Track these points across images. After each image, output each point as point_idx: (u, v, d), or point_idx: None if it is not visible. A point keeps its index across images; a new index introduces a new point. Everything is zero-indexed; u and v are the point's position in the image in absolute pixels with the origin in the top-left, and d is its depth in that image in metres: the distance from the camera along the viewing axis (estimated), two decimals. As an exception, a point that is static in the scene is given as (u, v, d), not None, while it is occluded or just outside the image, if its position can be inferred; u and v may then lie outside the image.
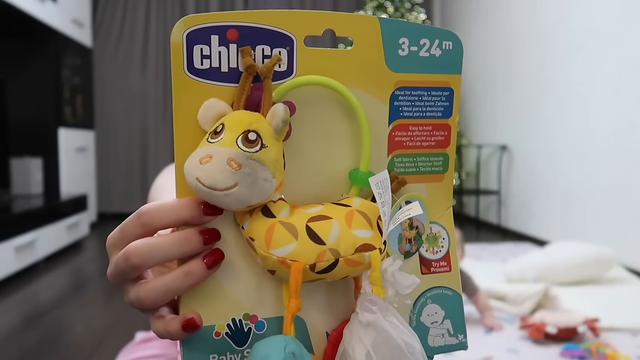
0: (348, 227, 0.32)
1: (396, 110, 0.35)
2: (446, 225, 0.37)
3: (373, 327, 0.30)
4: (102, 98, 4.71)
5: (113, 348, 1.66)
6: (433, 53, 0.35)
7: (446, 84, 0.36)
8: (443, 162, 0.37)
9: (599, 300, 2.08)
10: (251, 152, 0.29)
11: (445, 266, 0.37)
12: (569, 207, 3.12)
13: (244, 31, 0.31)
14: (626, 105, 2.64)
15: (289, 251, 0.30)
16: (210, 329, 0.31)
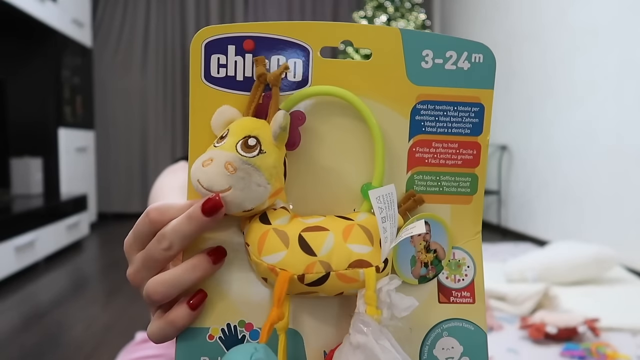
0: (344, 240, 0.31)
1: (418, 124, 0.34)
2: (472, 253, 0.34)
3: (362, 350, 0.28)
4: (102, 98, 4.71)
5: (113, 348, 1.66)
6: (461, 66, 0.33)
7: (476, 99, 0.34)
8: (471, 183, 0.34)
9: (599, 300, 2.08)
10: (248, 156, 0.29)
11: (469, 297, 0.34)
12: (569, 207, 3.12)
13: (260, 42, 0.32)
14: (626, 105, 2.64)
15: (279, 259, 0.30)
16: (204, 331, 0.31)
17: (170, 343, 0.95)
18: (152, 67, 4.78)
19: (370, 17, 4.44)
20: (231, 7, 4.90)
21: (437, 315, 0.34)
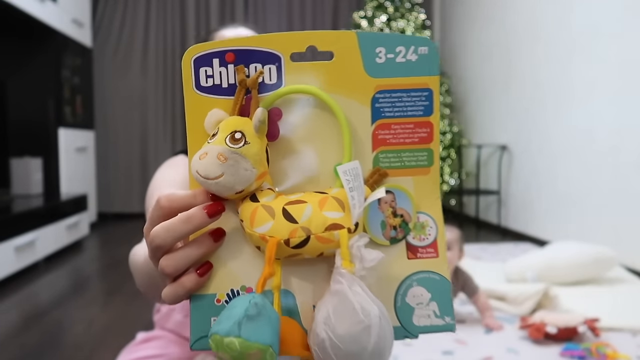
0: (320, 209, 0.37)
1: (378, 111, 0.39)
2: (434, 215, 0.40)
3: (338, 295, 0.34)
4: (102, 98, 4.71)
5: (113, 348, 1.66)
6: (409, 58, 0.39)
7: (425, 85, 0.39)
8: (428, 156, 0.40)
9: (599, 300, 2.08)
10: (235, 147, 0.35)
11: (433, 253, 0.40)
12: (569, 207, 3.12)
13: (239, 54, 0.38)
14: (626, 105, 2.64)
15: (267, 229, 0.36)
16: (212, 297, 0.38)
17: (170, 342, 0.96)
18: (152, 67, 4.78)
19: (370, 17, 4.44)
20: (231, 7, 4.90)
21: (407, 269, 0.40)
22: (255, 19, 4.96)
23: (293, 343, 0.37)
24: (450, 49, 4.98)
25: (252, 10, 4.95)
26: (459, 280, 1.92)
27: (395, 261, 0.39)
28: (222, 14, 4.89)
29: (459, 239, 1.88)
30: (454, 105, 4.71)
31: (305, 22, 5.00)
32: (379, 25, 4.37)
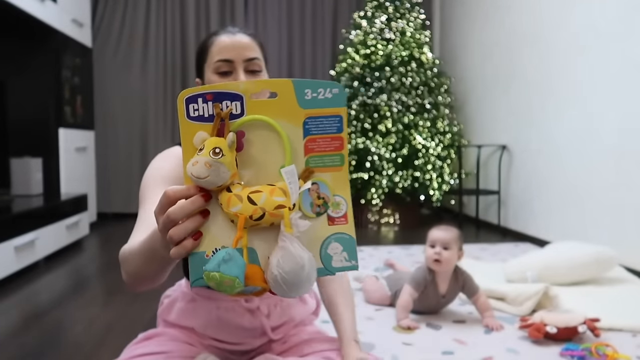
0: (271, 196, 0.56)
1: (307, 130, 0.58)
2: (345, 197, 0.60)
3: (283, 249, 0.55)
4: (102, 98, 4.71)
5: (113, 348, 1.66)
6: (326, 96, 0.58)
7: (337, 113, 0.58)
8: (340, 159, 0.59)
9: (599, 300, 2.08)
10: (216, 158, 0.54)
11: (344, 221, 0.59)
12: (569, 207, 3.12)
13: (215, 95, 0.56)
14: (627, 105, 2.64)
15: (238, 209, 0.55)
16: (203, 253, 0.57)
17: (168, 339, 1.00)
18: (152, 67, 4.78)
19: (370, 17, 4.44)
20: (231, 7, 4.90)
21: (328, 232, 0.59)
22: (256, 18, 4.96)
23: (256, 278, 0.56)
24: (450, 49, 4.98)
25: (252, 10, 4.95)
26: (459, 280, 1.92)
27: (320, 227, 0.59)
28: (222, 14, 4.89)
29: (458, 238, 1.88)
30: (454, 105, 4.71)
31: (305, 21, 5.00)
32: (379, 26, 4.37)
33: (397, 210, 4.20)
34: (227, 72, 0.97)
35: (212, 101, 0.56)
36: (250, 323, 1.03)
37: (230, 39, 0.98)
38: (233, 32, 0.99)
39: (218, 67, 0.97)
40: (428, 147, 4.04)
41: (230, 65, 0.97)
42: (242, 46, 0.98)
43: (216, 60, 0.97)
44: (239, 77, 0.96)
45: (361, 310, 2.04)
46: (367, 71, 4.25)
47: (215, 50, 0.98)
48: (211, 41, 1.00)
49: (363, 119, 4.20)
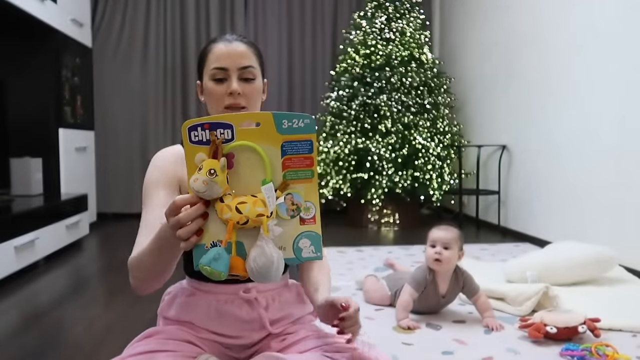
0: (253, 206, 0.73)
1: (284, 151, 0.75)
2: (314, 203, 0.76)
3: (260, 247, 0.73)
4: (102, 98, 4.71)
5: (113, 348, 1.66)
6: (300, 125, 0.74)
7: (308, 138, 0.75)
8: (311, 173, 0.76)
9: (599, 300, 2.08)
10: (211, 178, 0.72)
11: (313, 222, 0.77)
12: (568, 207, 3.12)
13: (211, 124, 0.73)
14: (626, 105, 2.64)
15: (228, 216, 0.73)
16: (203, 245, 0.75)
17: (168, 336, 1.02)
18: (152, 67, 4.78)
19: (370, 17, 4.44)
20: (231, 7, 4.90)
21: (299, 230, 0.77)
22: (255, 18, 4.96)
23: (238, 268, 0.75)
24: (450, 49, 4.98)
25: (252, 10, 4.95)
26: (459, 280, 1.92)
27: (293, 226, 0.76)
28: (222, 14, 4.89)
29: (458, 238, 1.88)
30: (454, 105, 4.71)
31: (305, 21, 5.00)
32: (379, 26, 4.37)
33: (397, 210, 4.20)
34: (222, 79, 1.04)
35: (209, 129, 0.73)
36: (249, 314, 1.05)
37: (226, 47, 1.04)
38: (230, 40, 1.05)
39: (214, 74, 1.04)
40: (428, 147, 4.04)
41: (225, 72, 1.03)
42: (237, 54, 1.04)
43: (212, 67, 1.04)
44: (232, 84, 1.02)
45: (361, 310, 2.04)
46: (367, 71, 4.25)
47: (212, 58, 1.04)
48: (209, 48, 1.06)
49: (363, 119, 4.20)
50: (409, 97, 4.20)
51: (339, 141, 4.12)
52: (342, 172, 4.11)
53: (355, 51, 4.33)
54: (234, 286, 1.05)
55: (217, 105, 1.04)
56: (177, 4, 4.80)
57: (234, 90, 1.02)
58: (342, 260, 2.92)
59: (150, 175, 1.05)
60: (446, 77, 4.57)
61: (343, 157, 4.08)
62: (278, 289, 1.11)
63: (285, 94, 5.00)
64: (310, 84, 5.03)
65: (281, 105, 4.98)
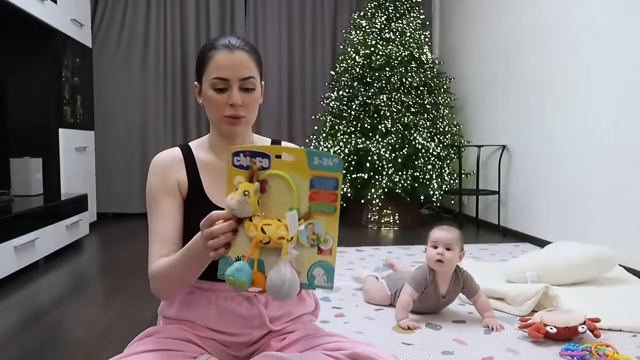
0: (277, 229, 0.80)
1: (312, 185, 0.81)
2: (333, 236, 0.82)
3: (277, 267, 0.80)
4: (102, 98, 4.71)
5: (113, 348, 1.66)
6: (328, 164, 0.81)
7: (335, 176, 0.81)
8: (333, 208, 0.82)
9: (599, 300, 2.08)
10: (244, 199, 0.80)
11: (329, 253, 0.82)
12: (568, 207, 3.12)
13: (252, 153, 0.81)
14: (626, 105, 2.64)
15: (253, 234, 0.80)
16: (229, 258, 0.82)
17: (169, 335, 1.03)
18: (152, 67, 4.78)
19: (369, 17, 4.44)
20: (231, 7, 4.90)
21: (316, 259, 0.83)
22: (255, 18, 4.96)
23: (259, 283, 0.81)
24: (450, 49, 4.98)
25: (252, 10, 4.95)
26: (459, 280, 1.92)
27: (311, 254, 0.83)
28: (222, 14, 4.89)
29: (459, 238, 1.88)
30: (454, 105, 4.71)
31: (305, 22, 5.00)
32: (379, 26, 4.37)
33: (397, 210, 4.20)
34: (222, 89, 1.04)
35: (249, 157, 0.81)
36: (248, 311, 1.06)
37: (228, 57, 1.03)
38: (232, 47, 1.03)
39: (214, 83, 1.03)
40: (428, 147, 4.04)
41: (225, 82, 1.03)
42: (239, 65, 1.03)
43: (213, 77, 1.03)
44: (233, 95, 1.03)
45: (361, 310, 2.04)
46: (367, 71, 4.25)
47: (213, 66, 1.03)
48: (210, 55, 1.04)
49: (363, 119, 4.20)
50: (409, 97, 4.20)
51: (339, 141, 4.12)
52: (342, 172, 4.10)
53: (355, 51, 4.33)
54: None
55: (217, 113, 1.05)
56: (177, 4, 4.80)
57: (235, 103, 1.03)
58: (342, 260, 2.92)
59: (151, 185, 1.08)
60: (446, 77, 4.57)
61: (343, 157, 4.08)
62: None
63: (285, 94, 5.00)
64: (310, 84, 5.03)
65: (281, 105, 4.98)
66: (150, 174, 1.09)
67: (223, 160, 1.11)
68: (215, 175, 1.10)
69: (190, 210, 1.07)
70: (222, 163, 1.11)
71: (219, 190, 1.09)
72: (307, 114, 5.02)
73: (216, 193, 1.09)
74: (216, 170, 1.11)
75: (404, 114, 4.11)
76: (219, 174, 1.11)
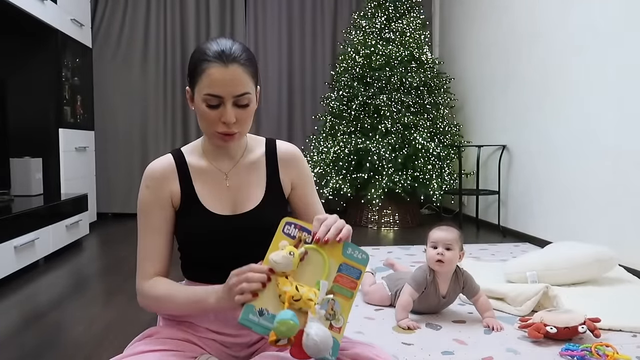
0: (308, 292, 0.88)
1: (340, 269, 0.92)
2: (345, 318, 0.90)
3: (309, 325, 0.84)
4: (102, 98, 4.71)
5: (113, 348, 1.66)
6: (358, 256, 0.94)
7: (360, 268, 0.93)
8: (351, 294, 0.92)
9: (599, 300, 2.08)
10: (289, 257, 0.89)
11: (338, 331, 0.89)
12: (568, 207, 3.12)
13: (301, 227, 0.94)
14: (625, 105, 2.64)
15: (287, 289, 0.88)
16: (253, 306, 0.88)
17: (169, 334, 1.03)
18: (152, 67, 4.77)
19: (370, 17, 4.44)
20: (231, 6, 4.90)
21: None
22: (255, 18, 4.96)
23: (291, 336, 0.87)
24: (450, 49, 4.98)
25: (252, 10, 4.95)
26: (460, 281, 1.92)
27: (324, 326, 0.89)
28: (222, 14, 4.89)
29: (459, 238, 1.88)
30: (454, 105, 4.71)
31: (305, 21, 5.00)
32: (379, 26, 4.37)
33: (397, 210, 4.20)
34: (215, 105, 0.99)
35: (298, 229, 0.93)
36: None
37: (221, 73, 0.96)
38: (226, 61, 0.97)
39: (207, 99, 0.98)
40: (428, 147, 4.04)
41: (219, 99, 0.98)
42: (233, 82, 0.97)
43: (206, 93, 0.98)
44: (227, 113, 0.98)
45: (361, 310, 2.04)
46: (367, 71, 4.25)
47: (205, 81, 0.97)
48: (202, 67, 0.98)
49: (363, 119, 4.20)
50: (409, 97, 4.20)
51: (339, 141, 4.12)
52: (342, 172, 4.11)
53: (355, 51, 4.33)
54: None
55: (209, 128, 1.02)
56: (177, 4, 4.80)
57: (228, 121, 0.99)
58: (342, 260, 2.92)
59: (143, 197, 1.12)
60: (446, 77, 4.57)
61: (343, 157, 4.08)
62: None
63: (285, 94, 5.00)
64: (310, 84, 5.03)
65: (281, 105, 4.98)
66: (142, 186, 1.11)
67: (216, 167, 1.10)
68: (209, 182, 1.09)
69: (185, 219, 1.07)
70: (216, 169, 1.10)
71: (213, 196, 1.08)
72: (307, 114, 5.02)
73: (210, 199, 1.07)
74: (209, 177, 1.09)
75: (404, 114, 4.11)
76: (212, 180, 1.09)
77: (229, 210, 1.07)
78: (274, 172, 1.13)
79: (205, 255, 1.06)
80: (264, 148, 1.15)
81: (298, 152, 1.18)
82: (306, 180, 1.17)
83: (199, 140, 1.14)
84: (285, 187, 1.14)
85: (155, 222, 1.07)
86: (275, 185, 1.12)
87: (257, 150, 1.15)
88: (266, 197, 1.10)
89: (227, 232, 1.05)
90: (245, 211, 1.08)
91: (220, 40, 1.01)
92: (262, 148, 1.15)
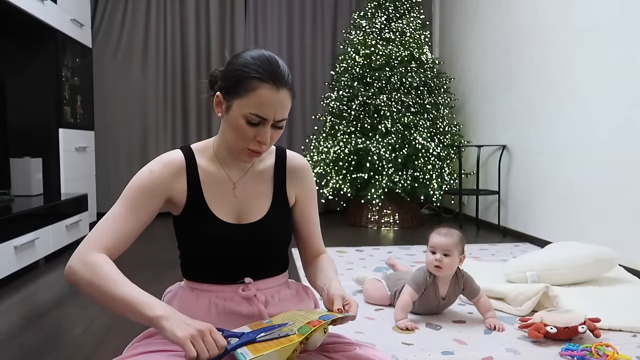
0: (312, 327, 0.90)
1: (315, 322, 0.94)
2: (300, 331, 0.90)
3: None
4: (102, 98, 4.71)
5: (113, 348, 1.66)
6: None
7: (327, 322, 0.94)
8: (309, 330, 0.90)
9: (599, 300, 2.08)
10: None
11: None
12: (569, 207, 3.12)
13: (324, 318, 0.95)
14: (626, 105, 2.64)
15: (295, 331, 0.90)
16: None
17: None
18: (152, 67, 4.78)
19: (370, 17, 4.44)
20: (231, 6, 4.90)
21: None
22: (255, 18, 4.96)
23: None
24: (450, 49, 4.98)
25: (252, 10, 4.95)
26: (460, 282, 1.92)
27: None
28: (222, 14, 4.89)
29: (459, 242, 1.86)
30: (454, 105, 4.71)
31: (305, 21, 5.00)
32: (379, 26, 4.37)
33: (397, 210, 4.20)
34: (256, 124, 0.99)
35: None
36: (248, 310, 1.06)
37: (272, 96, 0.97)
38: (279, 85, 0.97)
39: (250, 118, 0.98)
40: (428, 147, 4.04)
41: (262, 120, 0.98)
42: (281, 107, 0.98)
43: (252, 112, 0.97)
44: (265, 134, 0.99)
45: (361, 310, 2.04)
46: (367, 71, 4.25)
47: (254, 100, 0.97)
48: (253, 85, 0.97)
49: (363, 119, 4.20)
50: (409, 97, 4.20)
51: (339, 141, 4.12)
52: (342, 172, 4.11)
53: (355, 51, 4.33)
54: (233, 285, 1.06)
55: (241, 143, 1.01)
56: (177, 4, 4.80)
57: (264, 142, 1.00)
58: (342, 260, 2.92)
59: (141, 178, 1.03)
60: (446, 77, 4.57)
61: (343, 157, 4.08)
62: (277, 287, 1.12)
63: (285, 94, 4.99)
64: (310, 84, 5.03)
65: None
66: (145, 168, 1.04)
67: (226, 173, 1.10)
68: (216, 187, 1.08)
69: (190, 221, 1.06)
70: (225, 177, 1.09)
71: (220, 202, 1.07)
72: (307, 114, 5.02)
73: (216, 205, 1.07)
74: (218, 183, 1.08)
75: (404, 114, 4.11)
76: (220, 186, 1.08)
77: (233, 218, 1.08)
78: (282, 183, 1.14)
79: (208, 258, 1.07)
80: (274, 158, 1.16)
81: (307, 165, 1.19)
82: (310, 195, 1.18)
83: (211, 142, 1.12)
84: (290, 199, 1.16)
85: (138, 205, 1.00)
86: (281, 197, 1.13)
87: (267, 160, 1.15)
88: (272, 208, 1.11)
89: (231, 239, 1.05)
90: (250, 222, 1.08)
91: (270, 56, 1.00)
92: (272, 158, 1.16)
